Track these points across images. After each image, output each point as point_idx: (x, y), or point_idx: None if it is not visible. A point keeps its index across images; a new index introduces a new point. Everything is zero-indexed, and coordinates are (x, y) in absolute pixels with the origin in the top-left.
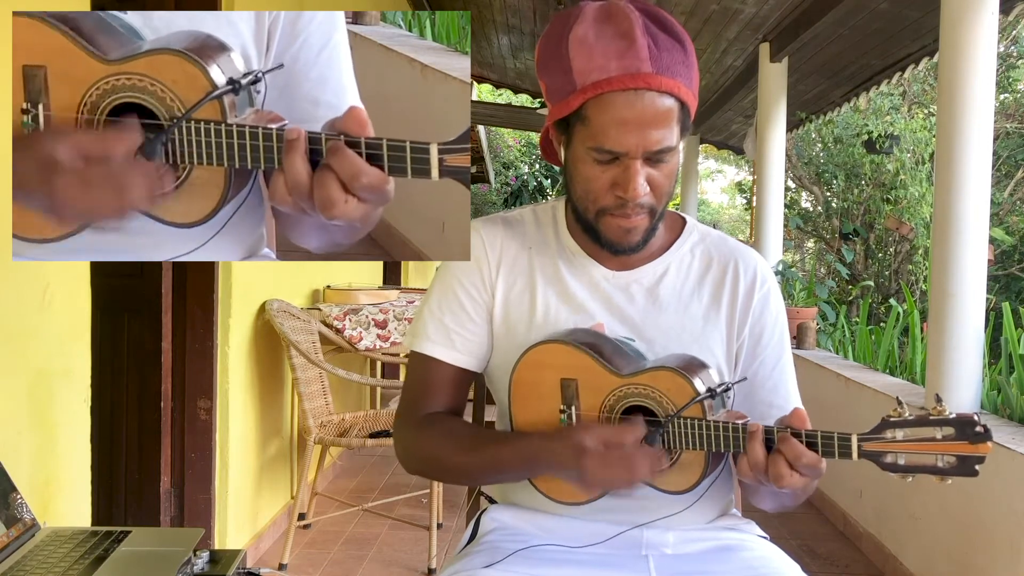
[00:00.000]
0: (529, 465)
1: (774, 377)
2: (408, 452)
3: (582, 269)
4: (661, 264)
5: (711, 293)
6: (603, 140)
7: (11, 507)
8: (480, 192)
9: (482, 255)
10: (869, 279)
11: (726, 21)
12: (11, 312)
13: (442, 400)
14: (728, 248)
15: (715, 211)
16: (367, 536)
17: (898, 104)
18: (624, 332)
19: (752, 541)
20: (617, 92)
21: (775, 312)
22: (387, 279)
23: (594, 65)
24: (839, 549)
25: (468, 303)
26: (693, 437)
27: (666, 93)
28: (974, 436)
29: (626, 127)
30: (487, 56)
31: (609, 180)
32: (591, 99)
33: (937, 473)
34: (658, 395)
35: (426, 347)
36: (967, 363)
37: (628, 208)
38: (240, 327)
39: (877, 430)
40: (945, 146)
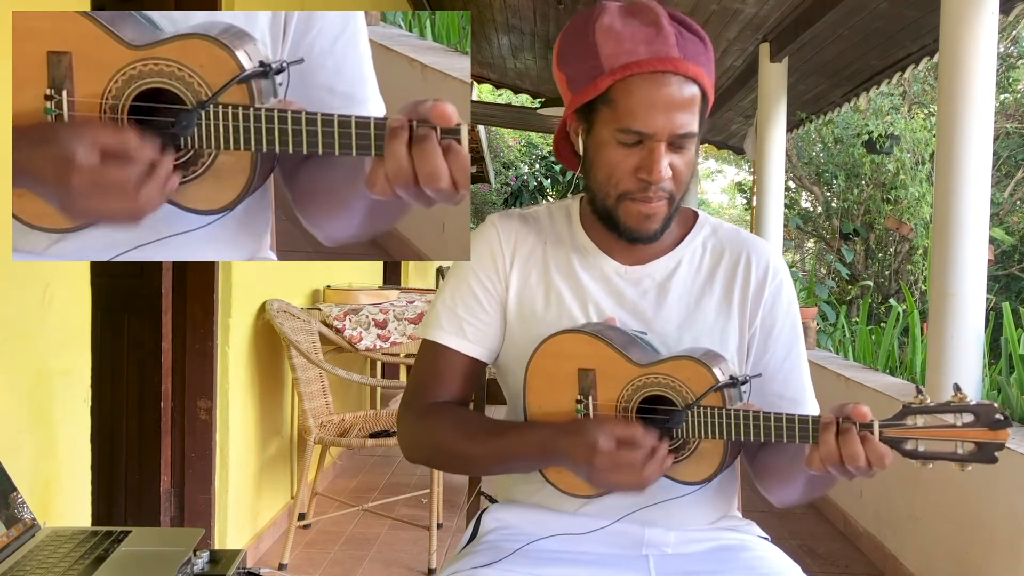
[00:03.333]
0: (539, 457)
1: (785, 369)
2: (413, 440)
3: (595, 264)
4: (673, 258)
5: (723, 286)
6: (630, 121)
7: (11, 507)
8: (480, 192)
9: (497, 248)
10: (869, 279)
11: (726, 21)
12: (11, 312)
13: (450, 389)
14: (740, 240)
15: (715, 211)
16: (367, 536)
17: (898, 104)
18: (636, 326)
19: (752, 541)
20: (646, 74)
21: (787, 304)
22: (387, 279)
23: (622, 49)
24: (839, 549)
25: (482, 294)
26: (713, 426)
27: (691, 79)
28: (994, 423)
29: (654, 109)
30: (487, 56)
31: (633, 164)
32: (619, 81)
33: (956, 460)
34: (678, 384)
35: (438, 335)
36: (967, 363)
37: (650, 192)
38: (240, 327)
39: (898, 416)
40: (945, 146)
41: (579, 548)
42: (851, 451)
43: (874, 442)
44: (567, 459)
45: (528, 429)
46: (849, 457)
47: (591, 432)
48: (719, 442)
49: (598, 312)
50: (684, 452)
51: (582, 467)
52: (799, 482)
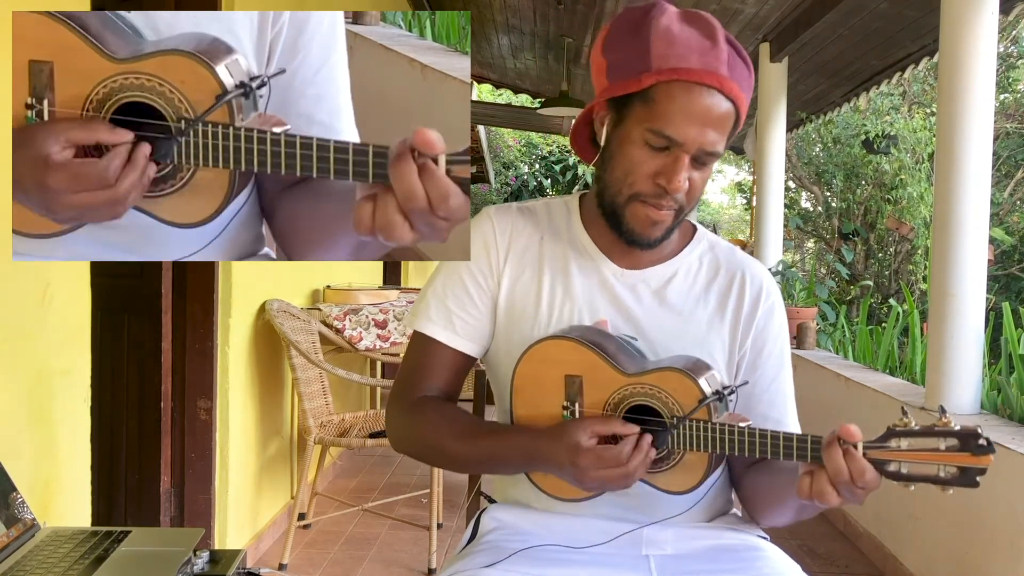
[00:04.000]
0: (523, 462)
1: (771, 391)
2: (401, 433)
3: (591, 264)
4: (670, 267)
5: (717, 301)
6: (664, 124)
7: (11, 507)
8: (480, 192)
9: (491, 242)
10: (869, 279)
11: (726, 21)
12: (11, 312)
13: (438, 383)
14: (736, 260)
15: (715, 211)
16: (367, 536)
17: (898, 104)
18: (628, 330)
19: (752, 541)
20: (692, 83)
21: (778, 327)
22: (387, 279)
23: (675, 52)
24: (839, 549)
25: (473, 288)
26: (698, 439)
27: (732, 100)
28: (977, 448)
29: (690, 118)
30: (487, 56)
31: (654, 168)
32: (663, 83)
33: (938, 483)
34: (664, 395)
35: (426, 327)
36: (967, 363)
37: (664, 200)
38: (240, 327)
39: (883, 439)
40: (945, 146)
41: (580, 548)
42: (835, 466)
43: (856, 457)
44: (551, 464)
45: (513, 433)
46: (833, 472)
47: (573, 433)
48: (704, 454)
49: (591, 312)
50: (669, 462)
51: (567, 469)
52: (790, 508)
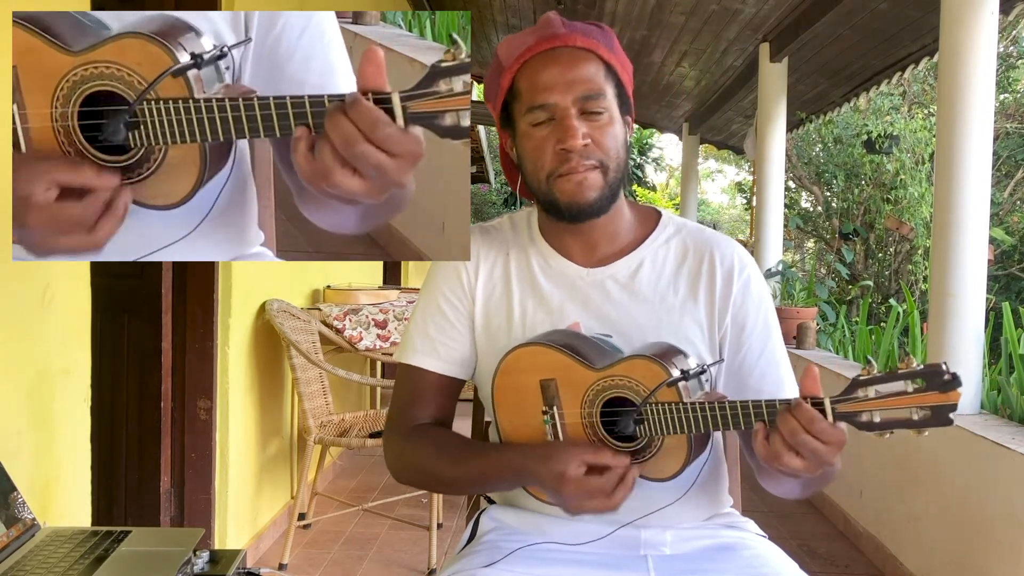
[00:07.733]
0: (515, 479)
1: (761, 365)
2: (398, 464)
3: (556, 269)
4: (635, 258)
5: (688, 284)
6: (533, 98)
7: (11, 507)
8: (480, 192)
9: (461, 264)
10: (869, 279)
11: (726, 21)
12: (11, 312)
13: (429, 410)
14: (704, 239)
15: (715, 211)
16: (367, 536)
17: (898, 104)
18: (600, 329)
19: (751, 540)
20: (537, 56)
21: (757, 298)
22: (387, 279)
23: (515, 45)
24: (839, 549)
25: (450, 311)
26: (672, 421)
27: (583, 49)
28: (944, 384)
29: (551, 80)
30: (487, 56)
31: (550, 140)
32: (518, 71)
33: (913, 427)
34: (634, 384)
35: (412, 358)
36: (967, 363)
37: (573, 162)
38: (240, 327)
39: (848, 390)
40: (945, 146)
41: (578, 549)
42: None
43: (804, 407)
44: (538, 482)
45: (504, 452)
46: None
47: (560, 461)
48: (682, 436)
49: (563, 319)
50: (651, 450)
51: (551, 493)
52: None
